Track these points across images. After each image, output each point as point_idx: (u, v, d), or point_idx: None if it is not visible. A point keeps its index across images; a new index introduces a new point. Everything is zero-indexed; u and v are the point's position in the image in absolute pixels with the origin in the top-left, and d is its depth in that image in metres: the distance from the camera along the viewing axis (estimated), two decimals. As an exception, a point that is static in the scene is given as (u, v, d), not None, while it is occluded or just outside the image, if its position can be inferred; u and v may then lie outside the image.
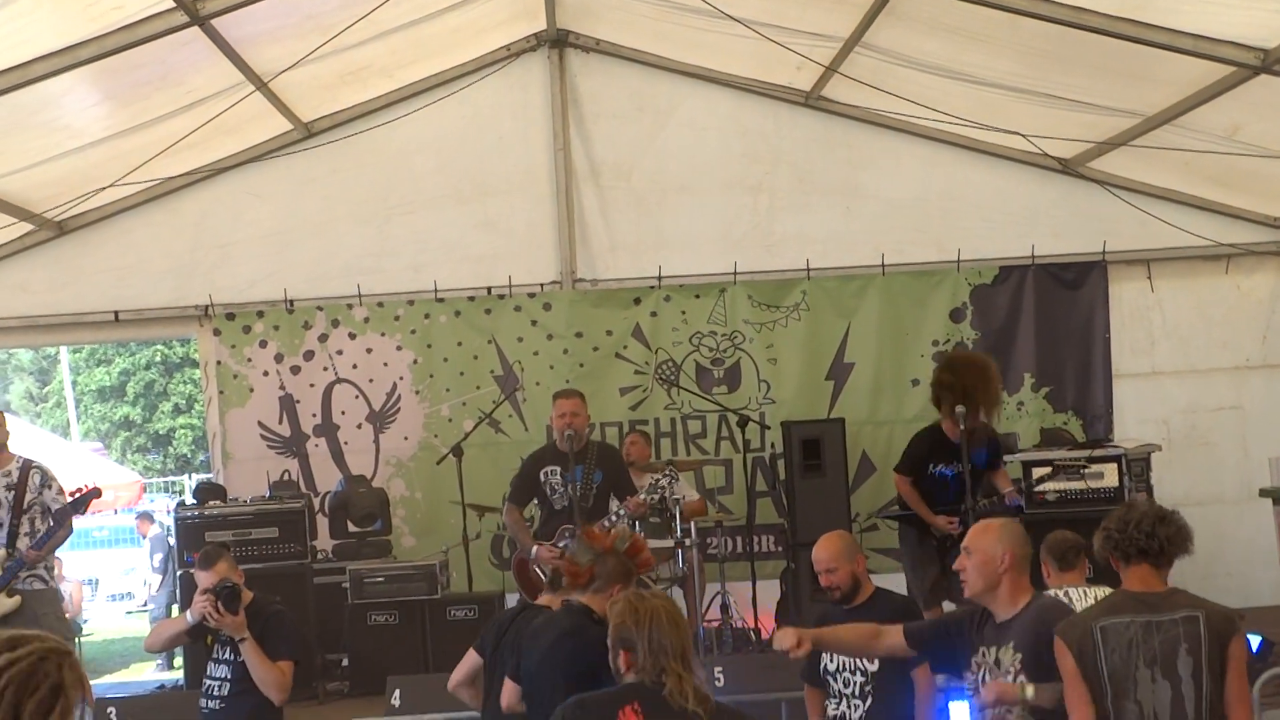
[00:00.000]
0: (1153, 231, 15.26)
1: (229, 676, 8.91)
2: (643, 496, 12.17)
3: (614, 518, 11.94)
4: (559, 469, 12.06)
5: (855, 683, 8.45)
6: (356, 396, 15.51)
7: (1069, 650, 6.30)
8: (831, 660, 8.57)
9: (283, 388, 15.48)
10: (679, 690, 5.73)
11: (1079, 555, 9.17)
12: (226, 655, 9.02)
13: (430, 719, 9.38)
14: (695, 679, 5.85)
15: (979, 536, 7.07)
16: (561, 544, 11.88)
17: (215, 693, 9.01)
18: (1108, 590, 8.94)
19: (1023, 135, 14.47)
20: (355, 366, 15.50)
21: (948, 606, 12.34)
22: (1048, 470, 12.99)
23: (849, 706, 8.43)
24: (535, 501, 12.42)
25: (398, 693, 10.55)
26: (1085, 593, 8.89)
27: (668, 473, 12.44)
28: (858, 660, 8.38)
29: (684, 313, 15.55)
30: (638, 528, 12.66)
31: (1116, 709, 6.15)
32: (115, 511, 30.63)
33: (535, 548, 11.98)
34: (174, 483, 40.45)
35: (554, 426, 12.18)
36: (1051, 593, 9.00)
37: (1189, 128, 13.36)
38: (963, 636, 7.14)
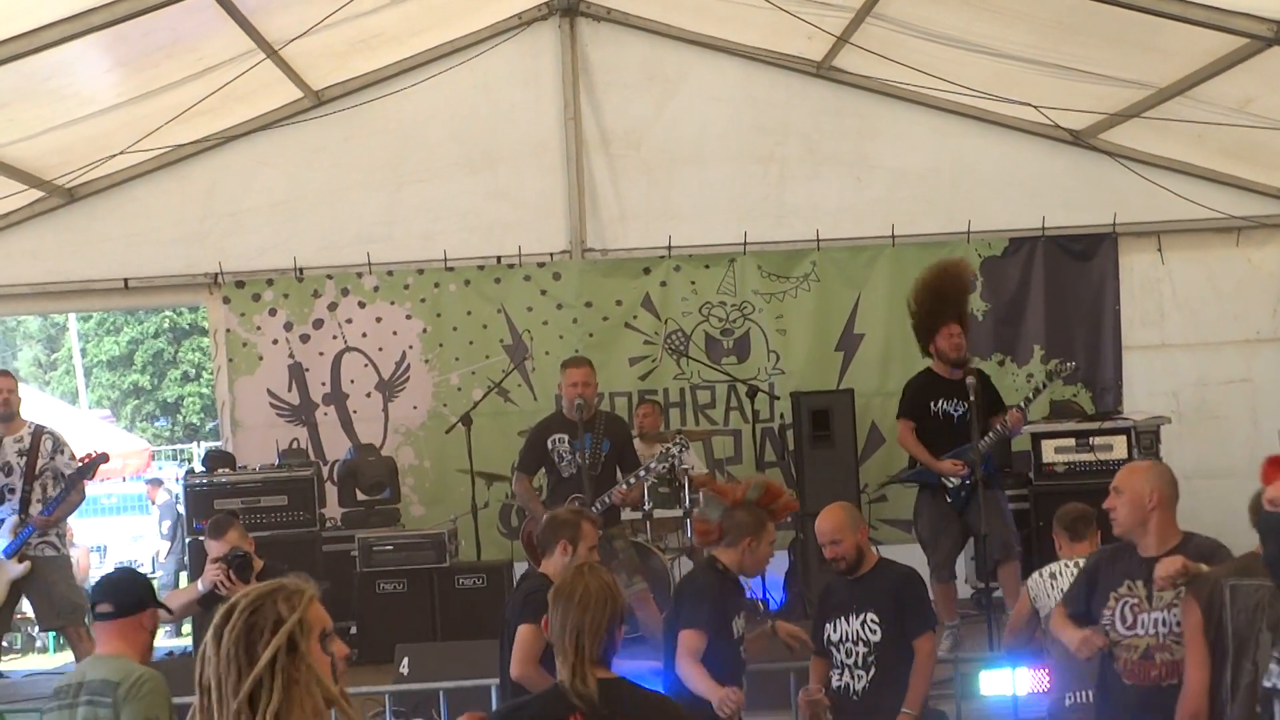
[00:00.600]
0: (1163, 203, 15.21)
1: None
2: (653, 464, 12.13)
3: (613, 500, 11.89)
4: (567, 437, 12.05)
5: (858, 653, 8.48)
6: (366, 365, 15.52)
7: (1197, 605, 6.40)
8: (835, 630, 8.59)
9: (292, 356, 15.49)
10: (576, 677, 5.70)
11: (1090, 525, 9.21)
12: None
13: (439, 687, 9.38)
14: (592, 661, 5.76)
15: (1128, 477, 7.36)
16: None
17: (226, 659, 9.02)
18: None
19: (1034, 106, 14.44)
20: (364, 335, 15.51)
21: (959, 591, 12.41)
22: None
23: (853, 677, 8.46)
24: (543, 471, 12.43)
25: (406, 660, 10.57)
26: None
27: (678, 441, 12.42)
28: (861, 630, 8.41)
29: (693, 283, 15.54)
30: (646, 499, 12.69)
31: (1234, 668, 6.25)
32: (124, 479, 30.66)
33: (546, 515, 11.98)
34: (182, 450, 40.47)
35: (563, 395, 12.17)
36: (1062, 563, 9.03)
37: (1201, 100, 13.32)
38: (1099, 579, 7.39)
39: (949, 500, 11.99)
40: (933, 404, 12.24)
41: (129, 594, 6.83)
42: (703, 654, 7.64)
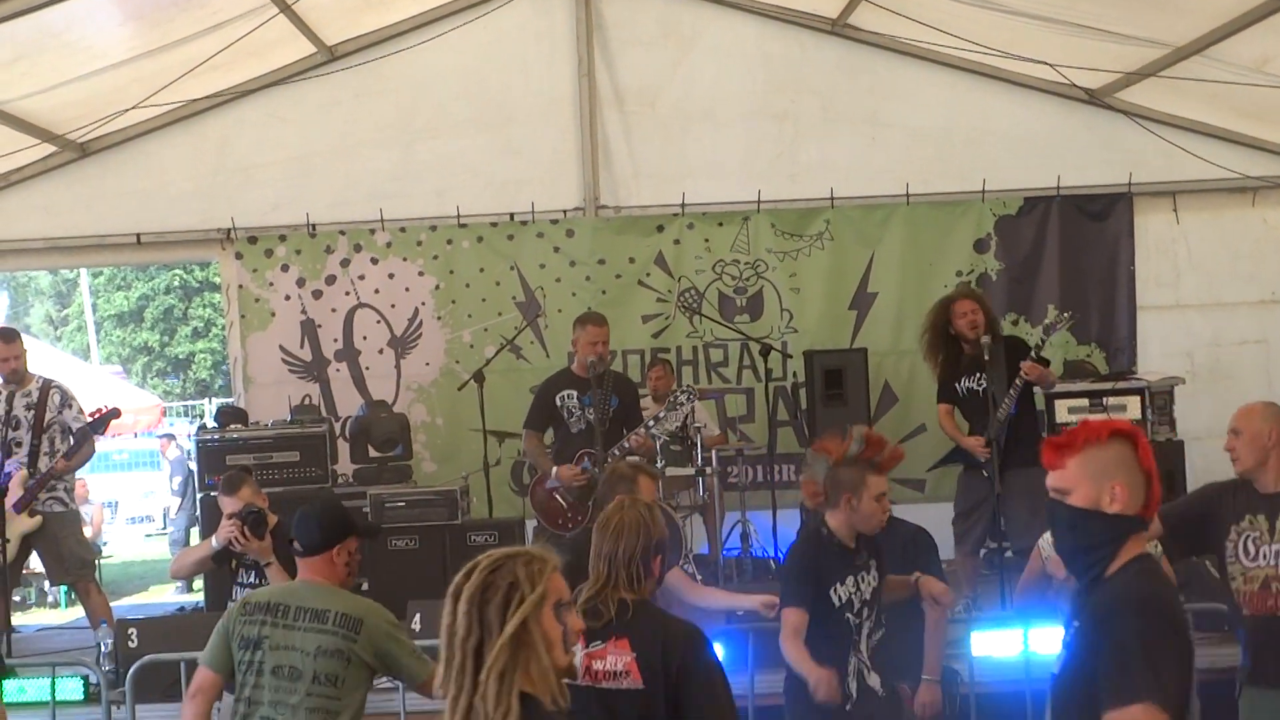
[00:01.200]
0: (1179, 163, 15.15)
1: (255, 596, 8.97)
2: (661, 414, 12.11)
3: (626, 445, 11.91)
4: (575, 393, 12.07)
5: (868, 612, 8.44)
6: (378, 321, 15.50)
7: None
8: (843, 585, 8.56)
9: (304, 312, 15.48)
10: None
11: None
12: (251, 579, 9.06)
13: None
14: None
15: (1246, 418, 7.64)
16: (581, 466, 11.91)
17: (243, 615, 9.06)
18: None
19: (1050, 65, 14.37)
20: (377, 291, 15.49)
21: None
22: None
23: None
24: (552, 427, 12.43)
25: (418, 617, 10.57)
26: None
27: (687, 390, 12.40)
28: (871, 590, 8.38)
29: (707, 241, 15.50)
30: (660, 457, 12.68)
31: None
32: (135, 435, 30.75)
33: (556, 469, 12.00)
34: (194, 407, 40.55)
35: (579, 352, 12.16)
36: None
37: (1218, 59, 13.26)
38: (1216, 512, 7.59)
39: (985, 475, 11.87)
40: (958, 384, 12.22)
41: (312, 533, 7.22)
42: (805, 631, 7.57)
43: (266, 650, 6.89)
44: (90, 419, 12.12)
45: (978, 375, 11.97)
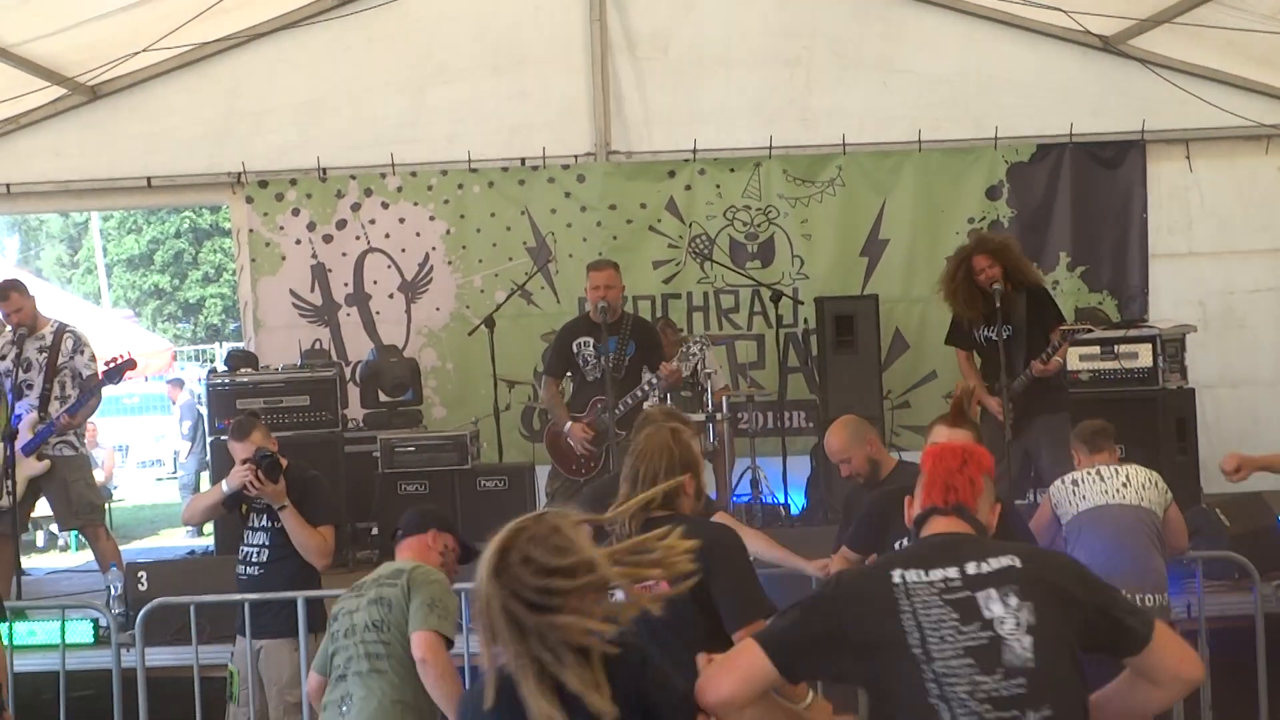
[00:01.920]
0: (1193, 111, 15.09)
1: (267, 544, 9.03)
2: (675, 364, 12.12)
3: (647, 387, 11.94)
4: (592, 340, 12.08)
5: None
6: (389, 266, 15.49)
7: None
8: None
9: (315, 256, 15.47)
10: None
11: (1108, 438, 9.30)
12: (264, 523, 9.09)
13: (460, 588, 9.36)
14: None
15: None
16: (592, 418, 11.92)
17: (254, 559, 9.12)
18: (1138, 468, 9.04)
19: (1064, 11, 14.30)
20: (388, 236, 15.47)
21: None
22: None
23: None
24: (569, 374, 12.44)
25: (428, 561, 10.57)
26: (1116, 470, 8.95)
27: (699, 339, 12.41)
28: None
29: (718, 186, 15.47)
30: (669, 399, 12.67)
31: None
32: (146, 379, 30.79)
33: (569, 425, 12.00)
34: (204, 351, 40.62)
35: (588, 298, 12.16)
36: (1084, 471, 9.06)
37: (1233, 6, 13.21)
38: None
39: (999, 422, 11.78)
40: (976, 331, 12.17)
41: (412, 520, 7.61)
42: None
43: (340, 617, 7.17)
44: (106, 368, 12.12)
45: (998, 325, 11.90)
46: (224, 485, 9.16)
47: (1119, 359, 13.11)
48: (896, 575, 4.68)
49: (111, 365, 12.07)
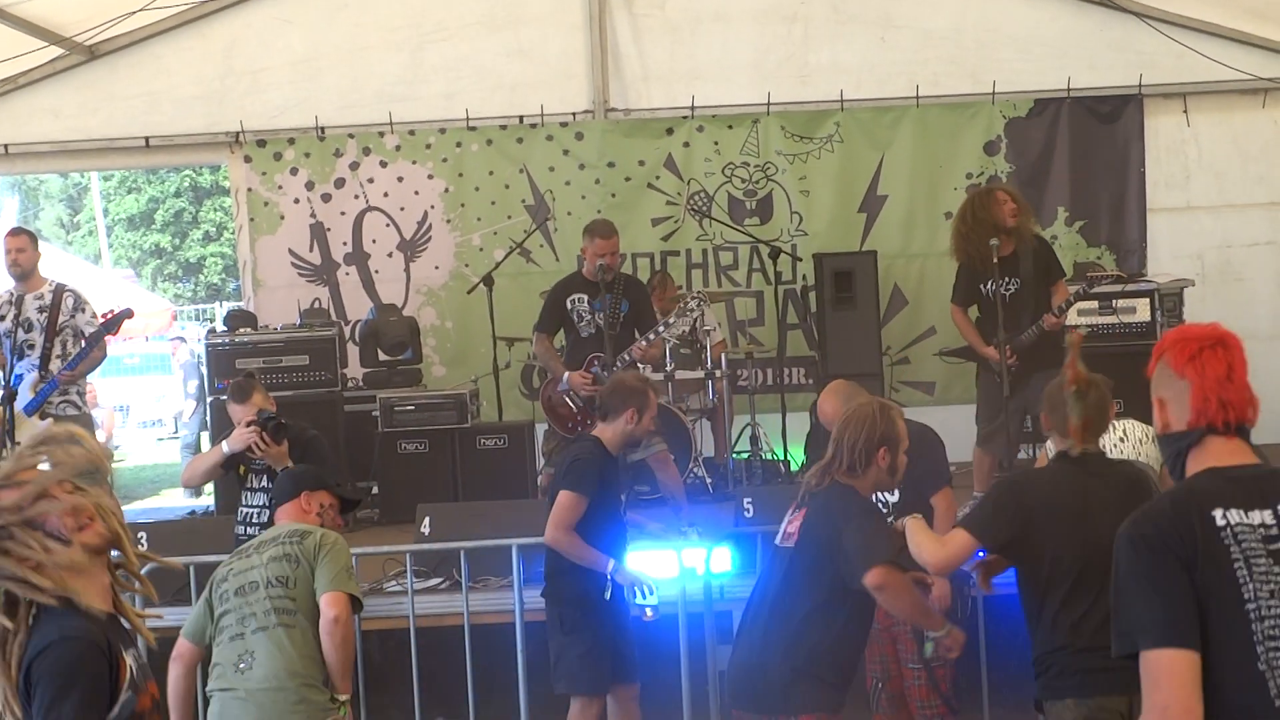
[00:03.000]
0: (1190, 65, 15.08)
1: (267, 504, 9.03)
2: (671, 319, 12.09)
3: (635, 352, 11.92)
4: (586, 297, 12.06)
5: (877, 515, 8.48)
6: (387, 225, 15.50)
7: None
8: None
9: (313, 215, 15.48)
10: None
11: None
12: (264, 484, 9.13)
13: (460, 546, 9.42)
14: None
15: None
16: (593, 370, 11.92)
17: (254, 520, 9.16)
18: (1135, 422, 9.01)
19: (1061, -35, 14.32)
20: (386, 195, 15.49)
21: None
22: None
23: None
24: (562, 331, 12.45)
25: (427, 520, 10.59)
26: (1114, 425, 8.90)
27: (697, 296, 12.43)
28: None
29: (716, 143, 15.47)
30: (668, 358, 12.68)
31: None
32: (146, 339, 30.83)
33: (567, 374, 12.00)
34: (205, 310, 40.62)
35: (587, 259, 12.13)
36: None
37: (1231, -42, 13.20)
38: None
39: (998, 380, 11.60)
40: (982, 286, 11.97)
41: (283, 487, 7.65)
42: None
43: (230, 579, 7.12)
44: (103, 319, 12.14)
45: (1007, 280, 11.64)
46: (224, 446, 9.19)
47: (1117, 313, 13.17)
48: (1219, 516, 4.08)
49: (109, 316, 12.07)
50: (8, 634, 4.26)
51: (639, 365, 12.07)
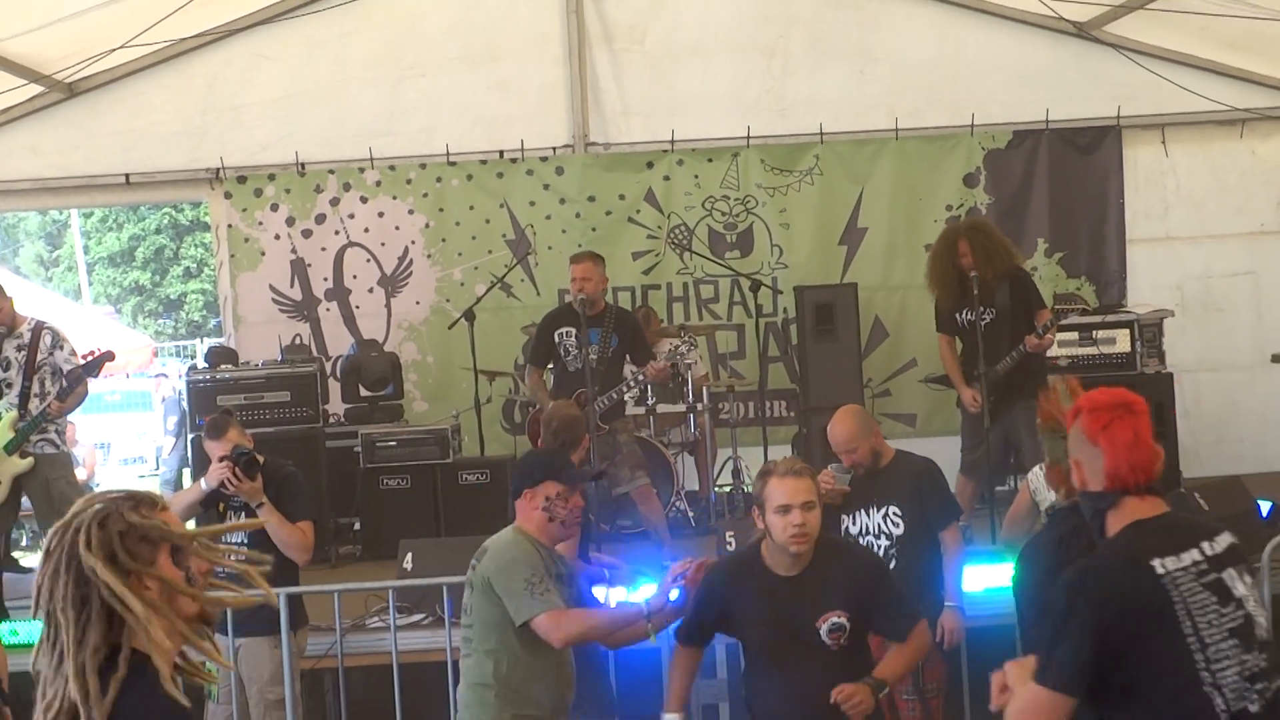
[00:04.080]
0: (1168, 96, 15.14)
1: (245, 542, 8.98)
2: (664, 363, 12.14)
3: (633, 382, 11.96)
4: (574, 330, 12.07)
5: (880, 547, 8.48)
6: (368, 260, 15.50)
7: None
8: (854, 524, 8.60)
9: (294, 251, 15.47)
10: None
11: None
12: (241, 520, 9.07)
13: (442, 582, 9.42)
14: None
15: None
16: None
17: (233, 557, 9.09)
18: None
19: (1038, -2, 14.38)
20: (367, 230, 15.48)
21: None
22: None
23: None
24: (550, 365, 12.45)
25: (410, 556, 10.60)
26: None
27: (685, 339, 12.46)
28: (883, 524, 8.41)
29: (697, 177, 15.49)
30: (651, 394, 12.69)
31: None
32: (128, 375, 30.73)
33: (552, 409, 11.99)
34: (186, 347, 40.55)
35: (571, 289, 12.18)
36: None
37: (1206, -10, 13.25)
38: None
39: (975, 414, 11.70)
40: (958, 314, 12.08)
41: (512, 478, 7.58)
42: None
43: None
44: (84, 360, 12.09)
45: (981, 309, 11.74)
46: (203, 483, 9.16)
47: (1097, 344, 13.21)
48: (1158, 566, 4.63)
49: (89, 357, 12.04)
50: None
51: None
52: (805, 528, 6.53)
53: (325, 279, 15.49)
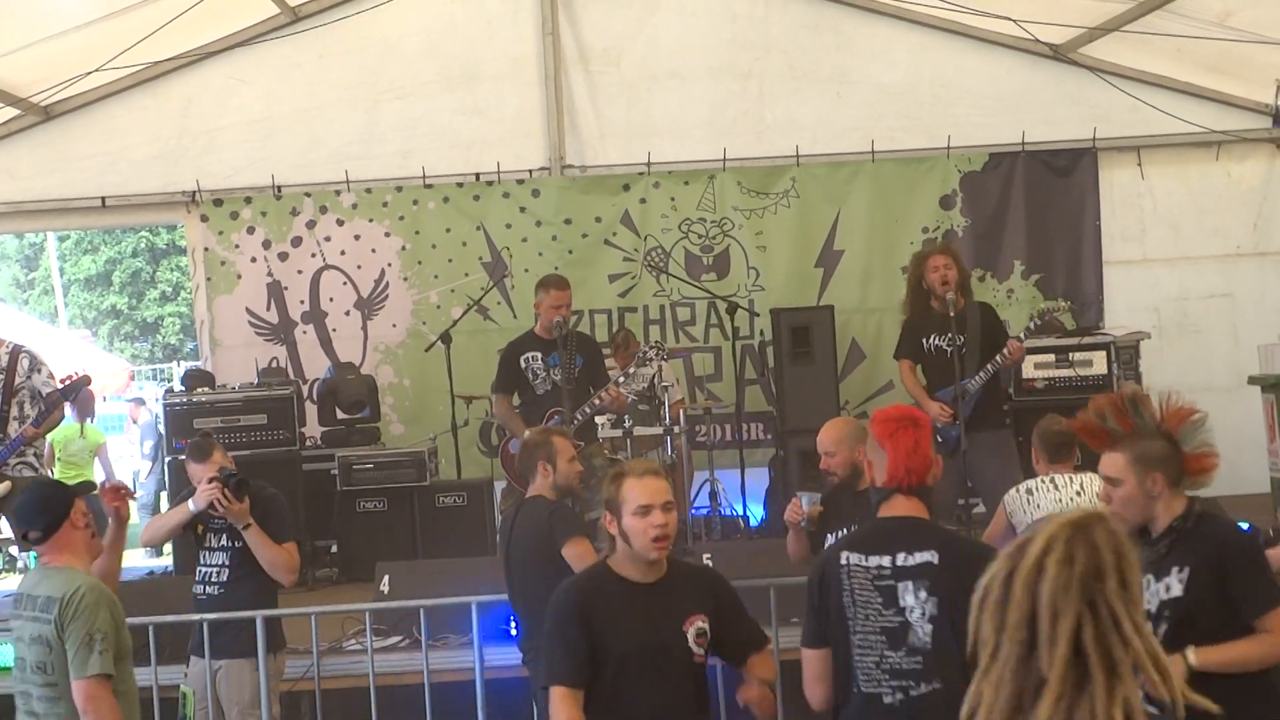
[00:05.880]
0: (1144, 118, 15.18)
1: (227, 563, 8.99)
2: (631, 370, 12.09)
3: (597, 402, 11.93)
4: (540, 354, 12.07)
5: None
6: (344, 283, 15.48)
7: None
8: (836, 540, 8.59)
9: (270, 274, 15.44)
10: None
11: (1071, 449, 9.04)
12: (223, 543, 9.05)
13: (419, 605, 9.40)
14: None
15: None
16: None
17: (214, 579, 9.07)
18: (1093, 476, 8.95)
19: (1013, 20, 14.40)
20: (343, 253, 15.46)
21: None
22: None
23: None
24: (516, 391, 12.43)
25: (387, 579, 10.58)
26: (1071, 479, 8.90)
27: (655, 344, 12.44)
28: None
29: (673, 199, 15.49)
30: (627, 419, 12.66)
31: None
32: (104, 399, 30.62)
33: (528, 433, 11.98)
34: (162, 370, 40.43)
35: (542, 314, 12.13)
36: (1039, 480, 9.01)
37: (1181, 13, 13.31)
38: None
39: (939, 440, 11.33)
40: (925, 340, 12.04)
41: (45, 513, 7.11)
42: None
43: (21, 644, 7.07)
44: (61, 385, 12.05)
45: (949, 335, 11.76)
46: (190, 505, 9.10)
47: (1074, 366, 13.21)
48: (844, 558, 5.92)
49: (66, 382, 12.00)
50: None
51: (601, 415, 12.09)
52: (667, 529, 6.27)
53: (302, 302, 15.47)
